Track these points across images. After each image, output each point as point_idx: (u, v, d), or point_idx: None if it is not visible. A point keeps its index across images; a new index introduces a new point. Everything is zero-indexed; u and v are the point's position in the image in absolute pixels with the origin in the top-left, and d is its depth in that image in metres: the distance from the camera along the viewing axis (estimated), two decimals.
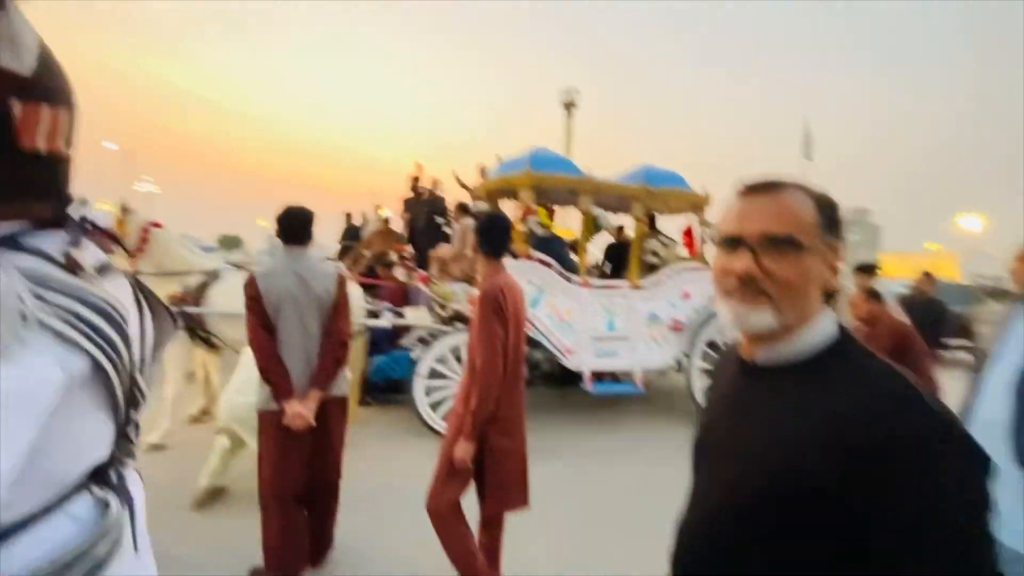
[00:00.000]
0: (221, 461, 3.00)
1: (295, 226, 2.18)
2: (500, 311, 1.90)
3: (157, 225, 3.94)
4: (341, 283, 2.23)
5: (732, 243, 0.72)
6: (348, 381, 3.36)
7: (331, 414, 2.18)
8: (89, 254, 0.61)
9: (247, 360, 2.94)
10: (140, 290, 0.70)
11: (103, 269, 0.63)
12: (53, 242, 0.58)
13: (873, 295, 2.73)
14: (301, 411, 2.03)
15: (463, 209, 5.93)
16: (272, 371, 2.05)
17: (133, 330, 0.62)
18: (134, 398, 0.62)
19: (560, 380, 5.51)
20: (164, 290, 3.90)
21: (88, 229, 0.63)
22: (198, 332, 3.88)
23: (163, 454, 3.67)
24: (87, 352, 0.53)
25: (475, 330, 1.95)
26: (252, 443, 2.70)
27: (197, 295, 3.90)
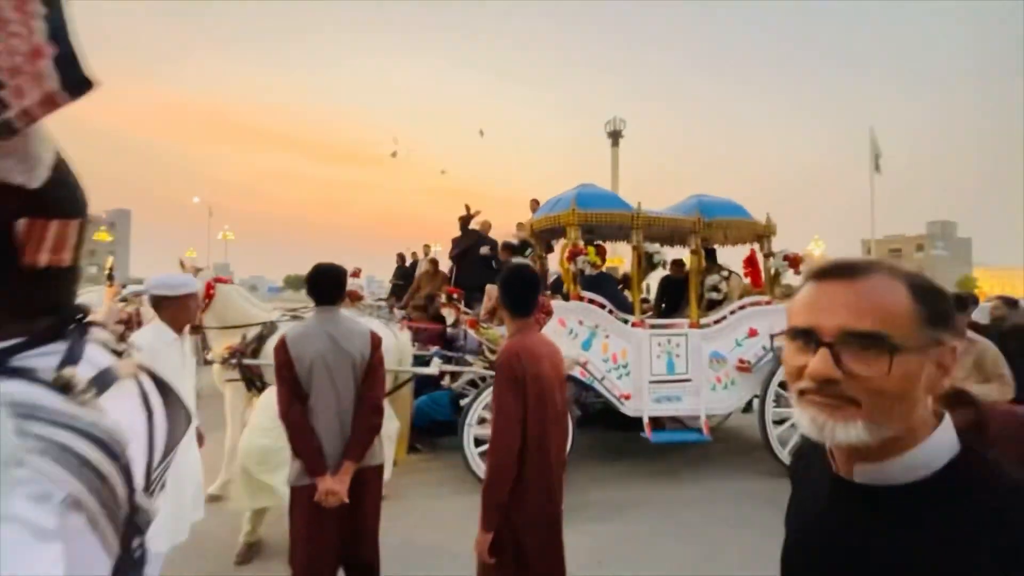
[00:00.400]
0: (252, 523, 3.06)
1: (326, 285, 2.12)
2: (514, 381, 1.68)
3: (221, 280, 4.16)
4: (375, 343, 2.15)
5: (805, 337, 0.61)
6: (392, 438, 3.30)
7: (365, 485, 2.08)
8: (89, 364, 0.57)
9: (269, 402, 2.99)
10: (157, 385, 0.66)
11: (104, 378, 0.58)
12: (46, 359, 0.54)
13: (960, 399, 2.07)
14: (334, 488, 1.95)
15: (510, 249, 5.90)
16: (304, 446, 1.97)
17: (136, 448, 0.56)
18: (135, 525, 0.56)
19: (615, 423, 5.17)
20: (226, 341, 4.11)
21: (92, 325, 0.61)
22: (255, 383, 3.99)
23: (220, 505, 3.73)
24: (76, 493, 0.47)
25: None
26: (269, 480, 2.78)
27: (256, 346, 4.04)
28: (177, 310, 2.24)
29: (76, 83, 0.46)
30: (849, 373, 0.58)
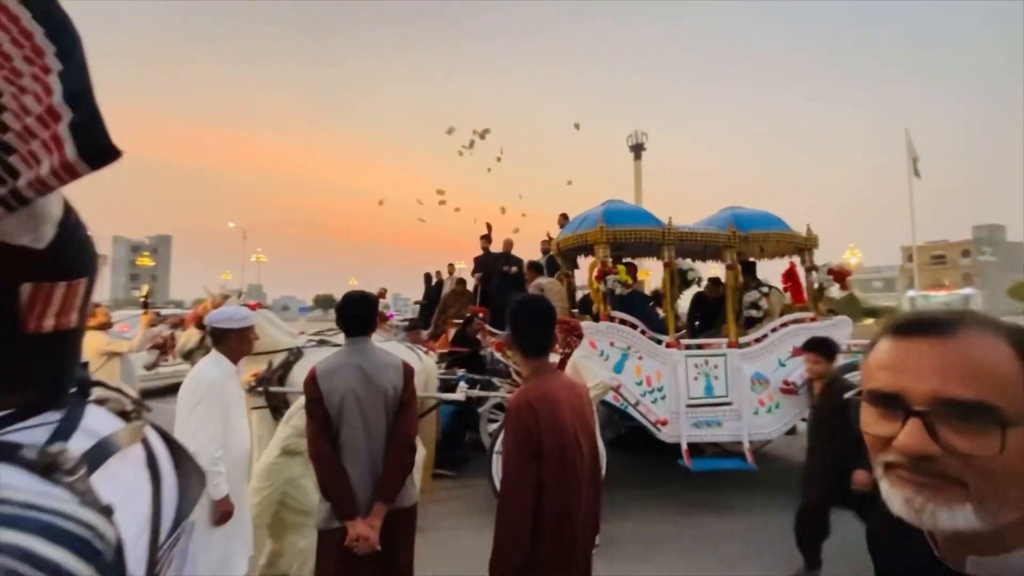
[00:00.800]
0: (268, 557, 2.93)
1: (357, 315, 2.08)
2: (527, 439, 1.41)
3: (247, 306, 4.15)
4: (408, 375, 2.07)
5: (888, 403, 0.53)
6: (417, 465, 3.15)
7: (398, 528, 1.97)
8: (85, 434, 0.51)
9: (290, 413, 2.95)
10: (168, 446, 0.59)
11: (100, 450, 0.51)
12: (36, 433, 0.48)
13: None
14: (366, 533, 1.84)
15: (535, 268, 5.78)
16: (334, 488, 1.88)
17: (133, 528, 0.50)
18: None
19: (642, 446, 4.89)
20: (252, 368, 4.09)
21: (95, 385, 0.57)
22: (281, 410, 3.94)
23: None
24: None
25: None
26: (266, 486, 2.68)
27: (282, 373, 4.01)
28: (240, 342, 2.33)
29: (98, 152, 0.40)
30: (950, 449, 0.49)
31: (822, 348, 3.13)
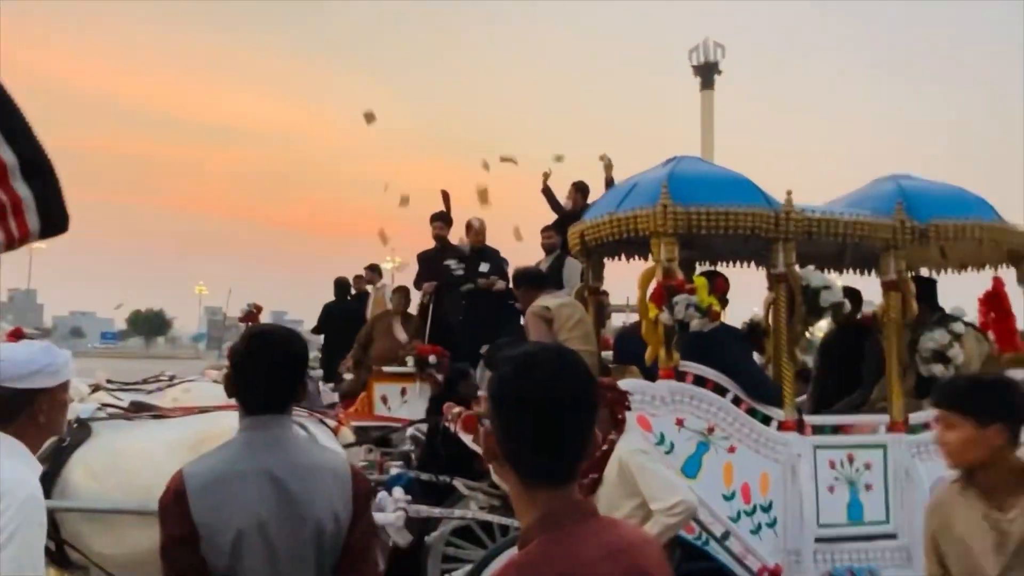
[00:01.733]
0: None
1: (270, 374, 2.04)
2: None
3: None
4: (361, 492, 2.10)
5: None
6: None
7: None
8: None
9: None
10: None
11: None
12: None
13: None
14: None
15: (532, 280, 5.66)
16: None
17: None
18: None
19: None
20: None
21: None
22: (47, 547, 3.62)
23: None
24: None
25: None
26: None
27: (50, 469, 3.72)
28: (51, 412, 2.25)
29: (55, 226, 0.83)
30: None
31: None
